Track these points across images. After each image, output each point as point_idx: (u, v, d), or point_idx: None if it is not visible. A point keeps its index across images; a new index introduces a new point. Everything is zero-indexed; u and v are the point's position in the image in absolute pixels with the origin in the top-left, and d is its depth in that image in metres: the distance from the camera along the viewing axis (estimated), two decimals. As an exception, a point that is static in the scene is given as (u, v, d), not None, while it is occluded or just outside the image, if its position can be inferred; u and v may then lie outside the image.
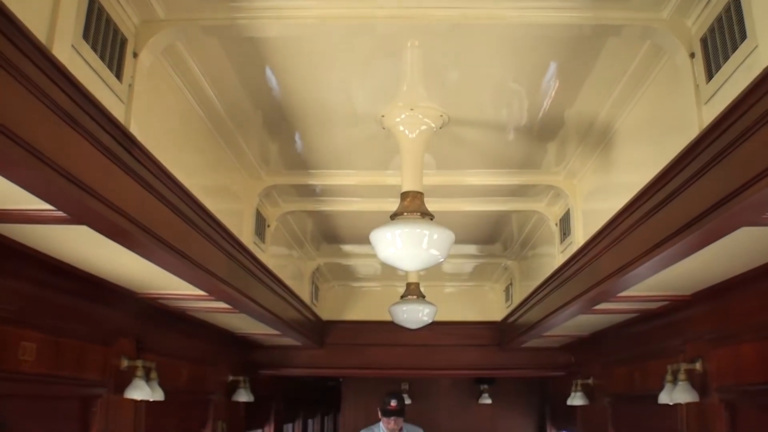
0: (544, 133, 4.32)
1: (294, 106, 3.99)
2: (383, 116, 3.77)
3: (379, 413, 6.69)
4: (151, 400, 4.73)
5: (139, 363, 4.66)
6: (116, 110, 2.85)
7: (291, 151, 4.69)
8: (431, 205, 3.70)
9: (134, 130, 2.91)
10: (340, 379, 11.41)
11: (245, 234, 4.90)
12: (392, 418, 6.68)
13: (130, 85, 3.06)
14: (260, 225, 5.25)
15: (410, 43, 3.37)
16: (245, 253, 4.41)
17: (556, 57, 3.52)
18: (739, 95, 2.27)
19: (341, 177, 5.04)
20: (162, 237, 3.01)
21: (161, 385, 4.83)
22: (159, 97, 3.45)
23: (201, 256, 3.53)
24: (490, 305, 8.44)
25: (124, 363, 4.63)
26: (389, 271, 7.59)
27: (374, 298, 8.36)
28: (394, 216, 3.45)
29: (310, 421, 14.88)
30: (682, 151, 2.73)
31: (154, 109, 3.36)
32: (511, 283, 7.75)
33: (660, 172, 2.96)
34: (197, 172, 3.92)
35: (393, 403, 6.69)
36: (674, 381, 4.61)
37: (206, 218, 3.60)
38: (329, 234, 6.82)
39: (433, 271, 7.92)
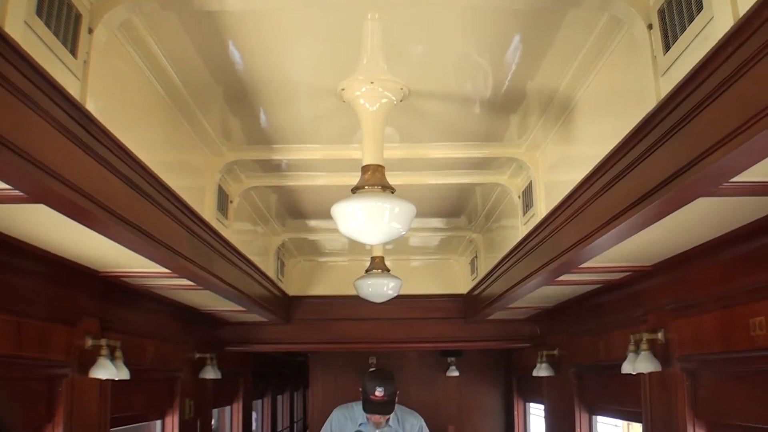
0: (506, 105, 4.33)
1: (255, 80, 3.95)
2: (343, 90, 3.75)
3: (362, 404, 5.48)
4: (116, 379, 4.71)
5: (103, 342, 4.63)
6: (72, 87, 2.80)
7: (253, 126, 4.65)
8: (394, 179, 3.70)
9: (91, 107, 2.87)
10: (308, 355, 11.44)
11: (207, 210, 4.87)
12: (376, 415, 5.42)
13: (85, 62, 3.00)
14: (222, 201, 5.22)
15: (370, 15, 3.35)
16: (208, 230, 4.39)
17: (517, 29, 3.52)
18: (694, 67, 2.29)
19: (304, 151, 5.01)
20: (122, 215, 2.99)
21: (127, 363, 4.81)
22: (116, 74, 3.40)
23: (162, 233, 3.51)
24: (455, 278, 8.50)
25: (89, 342, 4.59)
26: (355, 246, 7.59)
27: (340, 272, 8.37)
28: (355, 190, 3.45)
29: (279, 397, 14.93)
30: (639, 123, 2.76)
31: (111, 85, 3.31)
32: (476, 256, 7.81)
33: (618, 144, 2.99)
34: (157, 149, 3.88)
35: (379, 392, 5.22)
36: (636, 351, 4.69)
37: (167, 195, 3.57)
38: (294, 209, 6.79)
39: (399, 245, 7.96)
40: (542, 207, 4.92)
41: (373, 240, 3.58)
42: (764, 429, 3.66)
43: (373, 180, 3.44)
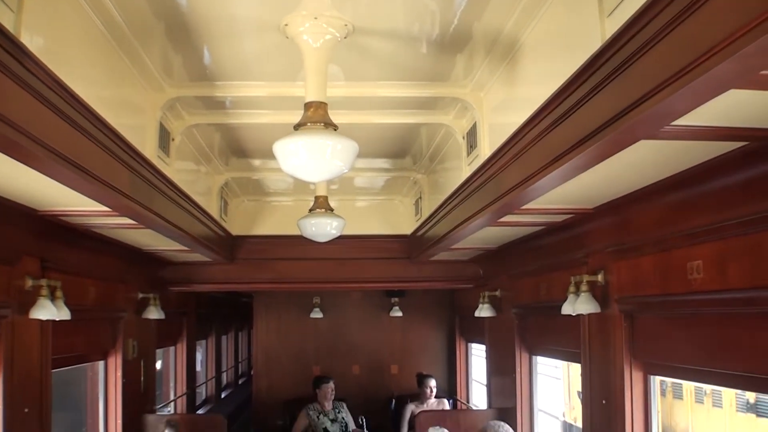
0: (452, 45, 4.30)
1: (197, 14, 3.84)
2: (286, 25, 3.67)
3: None
4: (57, 319, 4.68)
5: (43, 282, 4.59)
6: (5, 19, 2.69)
7: (195, 62, 4.55)
8: (339, 117, 3.66)
9: (26, 40, 2.77)
10: (253, 295, 11.46)
11: (148, 148, 4.77)
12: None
13: (19, -7, 2.89)
14: (164, 139, 5.12)
15: (316, -51, 3.28)
16: (149, 167, 4.32)
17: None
18: (639, 8, 2.30)
19: (248, 88, 4.92)
20: (58, 151, 2.92)
21: (68, 304, 4.77)
22: (52, 6, 3.26)
23: (101, 170, 3.44)
24: (400, 219, 8.53)
25: (29, 283, 4.55)
26: (300, 186, 7.56)
27: (285, 212, 8.34)
28: (298, 127, 3.41)
29: (223, 338, 14.98)
30: (583, 64, 2.77)
31: (47, 18, 3.18)
32: (420, 197, 7.84)
33: (561, 85, 3.00)
34: (95, 85, 3.77)
35: None
36: (577, 292, 4.81)
37: (106, 131, 3.49)
38: (237, 148, 6.71)
39: (344, 185, 7.95)
40: (486, 148, 4.94)
41: (315, 177, 3.56)
42: (699, 370, 3.80)
43: (316, 117, 3.40)
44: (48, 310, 4.55)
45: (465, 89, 4.96)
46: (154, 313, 7.25)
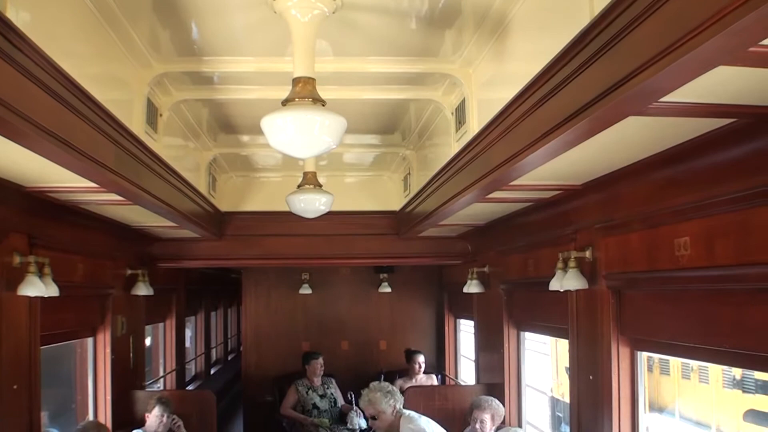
0: (442, 20, 4.27)
1: (184, -11, 3.81)
2: None
3: None
4: (45, 296, 4.67)
5: (31, 259, 4.58)
6: (-11, -6, 2.67)
7: (183, 37, 4.50)
8: (328, 93, 3.64)
9: (11, 15, 2.73)
10: (242, 271, 11.46)
11: (136, 124, 4.74)
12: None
13: (4, -33, 2.85)
14: (152, 114, 5.09)
15: None
16: (136, 143, 4.29)
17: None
18: (628, -16, 2.29)
19: (236, 64, 4.88)
20: (45, 126, 2.90)
21: (56, 280, 4.77)
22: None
23: (89, 146, 3.42)
24: (388, 195, 8.53)
25: (16, 259, 4.54)
26: (289, 162, 7.54)
27: (274, 188, 8.31)
28: (286, 102, 3.39)
29: (213, 314, 15.00)
30: (571, 40, 2.76)
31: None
32: (409, 173, 7.84)
33: (550, 61, 2.99)
34: (82, 60, 3.73)
35: None
36: (565, 268, 4.83)
37: (92, 107, 3.46)
38: (225, 123, 6.67)
39: (332, 161, 7.94)
40: (475, 124, 4.93)
41: (303, 153, 3.55)
42: (685, 345, 3.83)
43: (304, 92, 3.38)
44: (36, 287, 4.55)
45: (454, 65, 4.94)
46: (142, 290, 7.25)
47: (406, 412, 5.71)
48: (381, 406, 5.59)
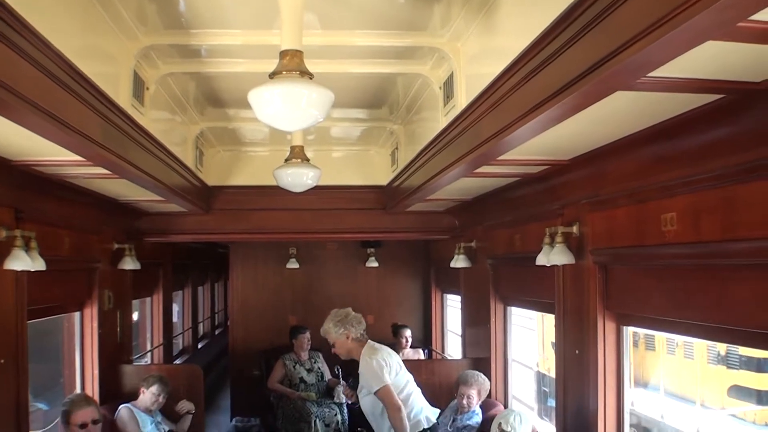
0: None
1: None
2: None
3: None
4: (32, 270, 4.66)
5: (17, 233, 4.57)
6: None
7: (170, 9, 4.46)
8: (315, 66, 3.61)
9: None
10: (229, 245, 11.45)
11: (122, 97, 4.70)
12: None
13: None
14: (138, 88, 5.04)
15: None
16: (123, 117, 4.27)
17: None
18: (617, -42, 2.29)
19: (224, 36, 4.83)
20: (31, 99, 2.88)
21: (42, 254, 4.75)
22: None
23: (75, 119, 3.40)
24: (376, 169, 8.51)
25: (2, 233, 4.53)
26: (276, 136, 7.50)
27: (261, 162, 8.27)
28: (273, 75, 3.38)
29: (200, 288, 15.00)
30: (560, 13, 2.75)
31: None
32: (396, 148, 7.82)
33: (539, 35, 2.99)
34: (68, 33, 3.69)
35: None
36: (551, 243, 4.85)
37: (78, 80, 3.43)
38: (213, 97, 6.62)
39: (320, 136, 7.90)
40: (463, 99, 4.92)
41: (290, 126, 3.53)
42: (670, 321, 3.87)
43: (291, 65, 3.36)
44: (22, 261, 4.54)
45: (442, 39, 4.92)
46: (129, 264, 7.23)
47: (371, 342, 5.82)
48: (333, 336, 5.82)
